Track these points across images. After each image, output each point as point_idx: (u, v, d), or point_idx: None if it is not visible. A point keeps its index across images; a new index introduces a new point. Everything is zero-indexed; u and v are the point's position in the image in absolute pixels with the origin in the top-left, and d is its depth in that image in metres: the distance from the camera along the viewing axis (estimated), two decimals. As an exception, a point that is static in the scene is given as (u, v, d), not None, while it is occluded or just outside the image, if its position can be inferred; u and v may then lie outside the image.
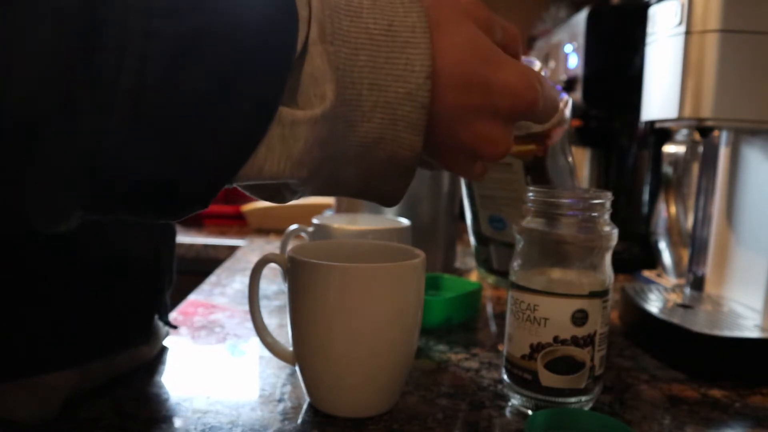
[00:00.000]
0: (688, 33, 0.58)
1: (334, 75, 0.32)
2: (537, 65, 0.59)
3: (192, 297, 0.75)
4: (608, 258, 0.46)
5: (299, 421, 0.43)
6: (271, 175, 0.32)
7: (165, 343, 0.57)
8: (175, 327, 0.57)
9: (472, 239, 0.78)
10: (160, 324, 0.54)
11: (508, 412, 0.46)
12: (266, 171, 0.32)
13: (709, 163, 0.66)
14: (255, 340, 0.59)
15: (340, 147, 0.34)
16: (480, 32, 0.37)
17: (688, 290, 0.69)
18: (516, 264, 0.47)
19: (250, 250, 1.10)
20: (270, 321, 0.65)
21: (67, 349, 0.43)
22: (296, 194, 0.37)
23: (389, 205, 0.40)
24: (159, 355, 0.55)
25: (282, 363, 0.53)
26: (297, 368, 0.46)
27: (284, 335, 0.59)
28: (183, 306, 0.70)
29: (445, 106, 0.36)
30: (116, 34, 0.27)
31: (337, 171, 0.36)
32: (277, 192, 0.37)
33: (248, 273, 0.47)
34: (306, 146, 0.32)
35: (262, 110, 0.31)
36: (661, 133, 0.90)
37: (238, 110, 0.30)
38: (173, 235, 0.54)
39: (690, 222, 0.73)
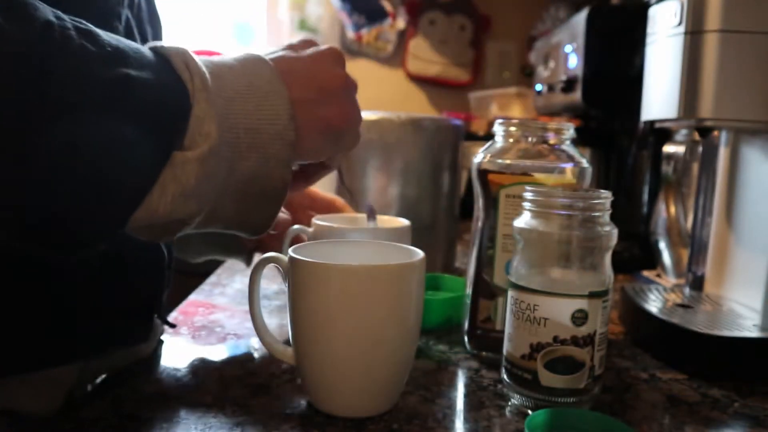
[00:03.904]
0: (688, 33, 0.58)
1: (216, 118, 0.37)
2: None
3: (192, 297, 0.75)
4: (608, 258, 0.46)
5: (299, 421, 0.43)
6: (165, 213, 0.36)
7: (165, 343, 0.57)
8: (174, 326, 0.58)
9: (468, 291, 0.58)
10: (158, 322, 0.54)
11: (508, 412, 0.46)
12: (161, 211, 0.36)
13: (708, 163, 0.66)
14: (255, 340, 0.59)
15: (222, 184, 0.39)
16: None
17: (687, 290, 0.69)
18: (516, 264, 0.47)
19: (250, 250, 1.09)
20: (270, 321, 0.65)
21: (72, 346, 0.44)
22: (185, 227, 0.39)
23: (258, 234, 0.44)
24: (159, 355, 0.55)
25: (282, 362, 0.53)
26: (297, 368, 0.46)
27: (284, 335, 0.59)
28: (183, 306, 0.70)
29: (299, 105, 0.42)
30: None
31: (217, 206, 0.40)
32: (165, 230, 0.39)
33: (248, 273, 0.47)
34: (197, 182, 0.36)
35: (158, 154, 0.35)
36: (661, 133, 0.90)
37: (138, 154, 0.34)
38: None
39: (689, 222, 0.73)
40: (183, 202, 0.36)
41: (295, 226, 0.65)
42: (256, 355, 0.56)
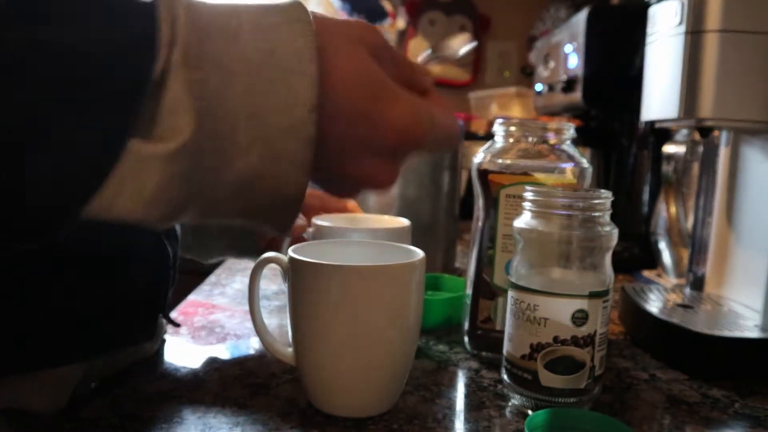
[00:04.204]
0: (688, 33, 0.58)
1: (194, 105, 0.29)
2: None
3: (192, 297, 0.75)
4: (608, 258, 0.46)
5: (299, 421, 0.43)
6: (121, 214, 0.29)
7: (166, 343, 0.57)
8: (177, 325, 0.58)
9: (468, 291, 0.58)
10: (163, 321, 0.55)
11: (508, 412, 0.46)
12: (116, 209, 0.29)
13: (709, 163, 0.67)
14: (255, 340, 0.59)
15: (210, 184, 0.32)
16: (372, 63, 0.35)
17: (688, 290, 0.69)
18: (516, 264, 0.47)
19: (250, 250, 1.09)
20: (270, 321, 0.65)
21: (78, 345, 0.44)
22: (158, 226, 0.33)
23: (282, 232, 0.38)
24: (160, 354, 0.55)
25: (282, 362, 0.53)
26: (297, 368, 0.46)
27: (284, 335, 0.59)
28: (183, 306, 0.70)
29: (333, 139, 0.34)
30: None
31: (212, 207, 0.33)
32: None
33: (248, 273, 0.47)
34: (162, 184, 0.29)
35: (107, 141, 0.28)
36: (661, 133, 0.90)
37: (79, 138, 0.27)
38: (177, 234, 0.54)
39: (690, 222, 0.73)
40: (145, 204, 0.29)
41: (295, 226, 0.65)
42: (256, 355, 0.56)
